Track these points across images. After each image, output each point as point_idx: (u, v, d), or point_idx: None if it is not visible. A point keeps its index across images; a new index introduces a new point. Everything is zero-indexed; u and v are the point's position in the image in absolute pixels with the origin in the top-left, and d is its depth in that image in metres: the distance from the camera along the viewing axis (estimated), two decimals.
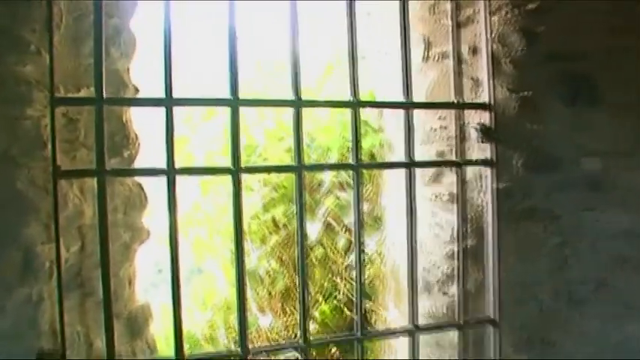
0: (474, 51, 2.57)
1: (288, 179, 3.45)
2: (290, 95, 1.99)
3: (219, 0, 1.92)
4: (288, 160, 3.55)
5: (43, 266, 1.79)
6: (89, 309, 1.97)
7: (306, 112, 2.04)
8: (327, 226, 3.34)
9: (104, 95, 1.76)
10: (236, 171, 1.90)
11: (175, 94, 1.86)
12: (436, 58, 2.63)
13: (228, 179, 3.59)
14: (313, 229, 3.33)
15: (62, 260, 1.79)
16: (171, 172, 1.81)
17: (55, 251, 1.75)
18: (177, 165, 1.86)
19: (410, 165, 2.18)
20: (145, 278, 2.37)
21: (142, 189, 2.13)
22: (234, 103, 1.89)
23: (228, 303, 3.47)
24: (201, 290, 3.62)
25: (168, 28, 1.82)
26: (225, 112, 3.74)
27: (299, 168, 1.99)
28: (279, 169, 2.41)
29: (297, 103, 1.98)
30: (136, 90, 2.11)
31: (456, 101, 2.35)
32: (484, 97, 2.44)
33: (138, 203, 2.12)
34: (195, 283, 3.64)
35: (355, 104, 2.08)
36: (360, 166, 2.11)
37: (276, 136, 3.70)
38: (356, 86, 2.09)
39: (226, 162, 3.69)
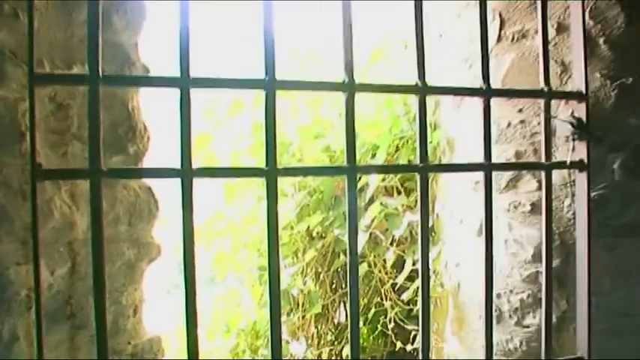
0: (560, 29, 2.17)
1: (325, 183, 3.05)
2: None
3: None
4: (325, 160, 3.17)
5: (18, 295, 1.43)
6: (82, 345, 1.64)
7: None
8: (372, 239, 2.93)
9: (100, 72, 1.37)
10: (272, 172, 1.52)
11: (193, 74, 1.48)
12: (512, 38, 2.25)
13: (258, 183, 3.31)
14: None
15: (44, 286, 1.42)
16: (186, 174, 1.43)
17: (34, 275, 1.37)
18: (196, 165, 1.47)
19: (489, 168, 1.78)
20: (156, 301, 1.99)
21: (152, 194, 1.78)
22: (271, 85, 1.51)
23: (255, 327, 3.06)
24: (224, 312, 3.22)
25: None
26: (257, 98, 3.52)
27: (351, 170, 1.60)
28: (324, 170, 2.00)
29: (350, 87, 1.60)
30: (146, 70, 1.76)
31: (546, 89, 1.93)
32: (574, 85, 2.03)
33: (146, 212, 1.78)
34: (216, 304, 3.25)
35: (422, 89, 1.69)
36: (428, 169, 1.71)
37: (311, 133, 3.30)
38: (423, 69, 1.71)
39: (255, 163, 3.44)
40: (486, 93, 1.83)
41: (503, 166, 2.00)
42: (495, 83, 2.18)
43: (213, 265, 3.33)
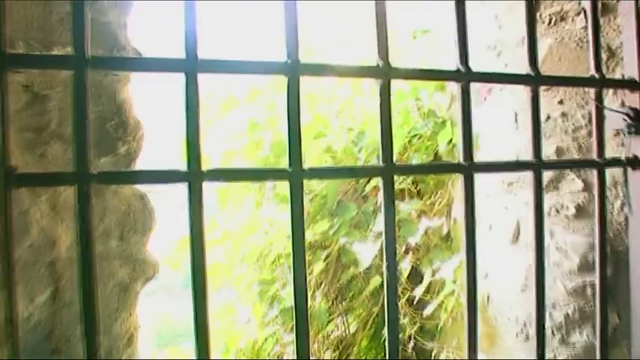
0: (604, 10, 1.97)
1: (328, 187, 2.82)
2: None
3: None
4: (328, 162, 2.94)
5: None
6: None
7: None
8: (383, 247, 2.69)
9: (88, 53, 1.13)
10: (297, 174, 1.29)
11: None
12: (549, 21, 2.04)
13: (254, 188, 3.09)
14: (365, 252, 2.70)
15: (21, 317, 1.17)
16: (195, 177, 1.19)
17: (8, 303, 1.12)
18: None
19: (539, 166, 1.56)
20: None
21: (147, 202, 1.55)
22: (294, 69, 1.28)
23: (257, 347, 2.82)
24: (222, 332, 2.97)
25: None
26: (252, 93, 3.31)
27: (387, 170, 1.38)
28: (356, 171, 1.76)
29: (386, 72, 1.37)
30: (138, 55, 1.49)
31: (597, 76, 1.72)
32: (626, 72, 1.82)
33: (140, 223, 1.56)
34: (211, 321, 2.99)
35: (466, 75, 1.48)
36: (474, 168, 1.50)
37: (311, 132, 3.07)
38: (466, 52, 1.50)
39: (251, 164, 3.22)
40: (535, 80, 1.61)
41: (554, 165, 1.78)
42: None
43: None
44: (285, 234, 2.75)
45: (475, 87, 2.14)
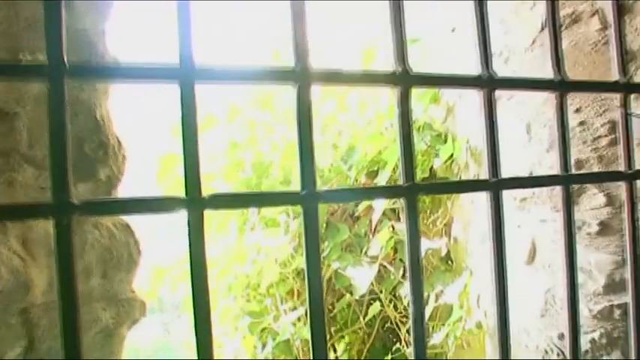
0: (621, 10, 1.83)
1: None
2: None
3: None
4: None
5: None
6: None
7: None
8: (383, 272, 2.54)
9: (66, 61, 0.95)
10: (311, 198, 1.11)
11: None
12: (562, 24, 1.92)
13: (238, 212, 2.92)
14: (360, 278, 2.53)
15: None
16: (196, 205, 1.01)
17: None
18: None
19: (567, 180, 1.41)
20: None
21: (132, 233, 1.37)
22: (304, 76, 1.11)
23: None
24: None
25: None
26: (232, 112, 3.16)
27: (410, 190, 1.21)
28: (376, 192, 1.59)
29: (404, 78, 1.21)
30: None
31: (622, 80, 1.58)
32: None
33: (125, 258, 1.39)
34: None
35: (489, 81, 1.32)
36: (502, 185, 1.34)
37: (295, 150, 2.89)
38: (487, 56, 1.34)
39: (230, 187, 3.06)
40: (561, 86, 1.46)
41: (582, 178, 1.63)
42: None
43: (185, 310, 2.89)
44: (274, 261, 2.59)
45: (480, 96, 1.98)
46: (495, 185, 1.38)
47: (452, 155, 2.45)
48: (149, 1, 1.34)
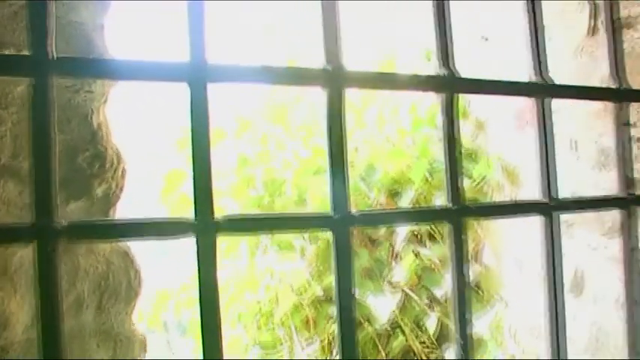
0: None
1: None
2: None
3: None
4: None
5: None
6: None
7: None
8: (406, 301, 2.38)
9: (53, 53, 0.80)
10: (343, 221, 0.96)
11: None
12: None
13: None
14: (381, 306, 2.37)
15: None
16: (207, 229, 0.86)
17: None
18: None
19: (633, 202, 1.26)
20: None
21: (131, 261, 1.22)
22: (336, 78, 0.96)
23: None
24: None
25: None
26: (242, 125, 3.01)
27: (458, 212, 1.06)
28: (423, 214, 1.43)
29: (450, 83, 1.07)
30: None
31: None
32: None
33: (124, 288, 1.29)
34: None
35: (543, 89, 1.18)
36: (556, 207, 1.19)
37: (310, 167, 2.76)
38: (540, 61, 1.22)
39: (240, 206, 2.91)
40: (623, 95, 1.31)
41: None
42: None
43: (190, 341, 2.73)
44: (289, 288, 2.42)
45: (515, 109, 1.83)
46: (550, 208, 1.23)
47: (485, 176, 2.29)
48: None
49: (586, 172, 1.84)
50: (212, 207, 0.92)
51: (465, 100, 2.51)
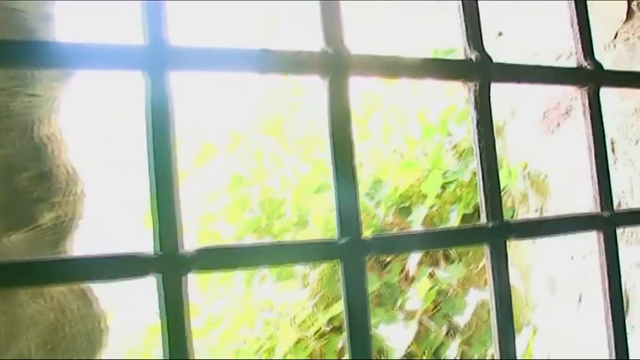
0: None
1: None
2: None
3: None
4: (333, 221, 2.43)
5: None
6: None
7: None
8: (422, 331, 2.19)
9: None
10: (354, 248, 0.75)
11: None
12: None
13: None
14: (396, 337, 2.18)
15: None
16: (172, 266, 0.65)
17: None
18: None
19: None
20: None
21: (91, 304, 1.04)
22: (339, 63, 0.76)
23: None
24: None
25: None
26: (234, 140, 2.85)
27: (497, 231, 0.87)
28: (458, 237, 1.22)
29: (482, 68, 0.87)
30: None
31: None
32: None
33: (84, 338, 1.01)
34: None
35: (595, 75, 0.99)
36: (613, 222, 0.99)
37: (311, 184, 2.59)
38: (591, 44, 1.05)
39: (235, 231, 2.74)
40: None
41: None
42: None
43: None
44: (291, 322, 2.23)
45: (542, 110, 1.63)
46: (609, 222, 1.03)
47: (505, 187, 2.10)
48: None
49: (632, 177, 1.66)
50: (181, 238, 0.71)
51: None
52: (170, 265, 0.70)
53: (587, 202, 1.79)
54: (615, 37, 1.69)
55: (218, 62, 0.79)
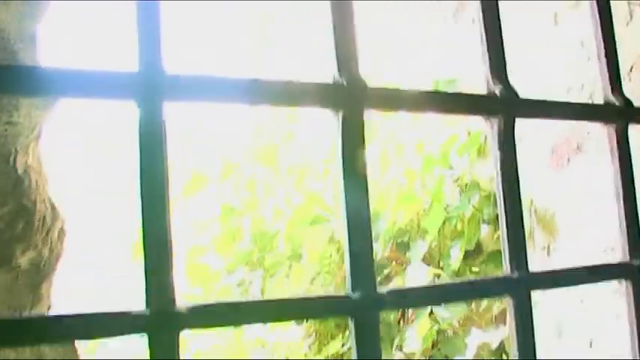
0: None
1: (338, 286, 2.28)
2: None
3: None
4: (333, 256, 2.39)
5: None
6: None
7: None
8: None
9: None
10: (370, 303, 0.67)
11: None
12: None
13: (230, 293, 2.51)
14: None
15: None
16: (163, 325, 0.56)
17: None
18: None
19: None
20: None
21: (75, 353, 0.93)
22: (354, 93, 0.69)
23: None
24: None
25: None
26: (226, 170, 2.78)
27: (522, 283, 0.80)
28: (478, 289, 1.14)
29: (508, 104, 0.82)
30: None
31: None
32: None
33: None
34: None
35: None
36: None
37: (305, 216, 2.51)
38: (618, 77, 0.98)
39: (226, 266, 2.66)
40: None
41: None
42: None
43: None
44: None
45: (549, 144, 1.59)
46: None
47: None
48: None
49: None
50: (173, 292, 0.63)
51: (482, 134, 2.28)
52: (162, 323, 0.62)
53: (597, 242, 1.73)
54: (631, 69, 1.64)
55: (220, 93, 0.71)
